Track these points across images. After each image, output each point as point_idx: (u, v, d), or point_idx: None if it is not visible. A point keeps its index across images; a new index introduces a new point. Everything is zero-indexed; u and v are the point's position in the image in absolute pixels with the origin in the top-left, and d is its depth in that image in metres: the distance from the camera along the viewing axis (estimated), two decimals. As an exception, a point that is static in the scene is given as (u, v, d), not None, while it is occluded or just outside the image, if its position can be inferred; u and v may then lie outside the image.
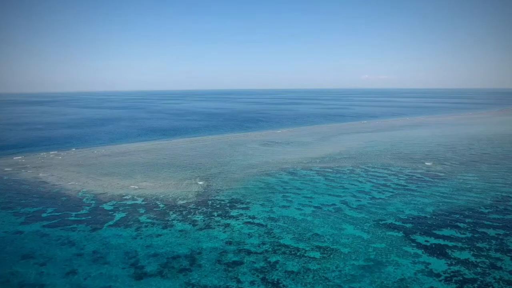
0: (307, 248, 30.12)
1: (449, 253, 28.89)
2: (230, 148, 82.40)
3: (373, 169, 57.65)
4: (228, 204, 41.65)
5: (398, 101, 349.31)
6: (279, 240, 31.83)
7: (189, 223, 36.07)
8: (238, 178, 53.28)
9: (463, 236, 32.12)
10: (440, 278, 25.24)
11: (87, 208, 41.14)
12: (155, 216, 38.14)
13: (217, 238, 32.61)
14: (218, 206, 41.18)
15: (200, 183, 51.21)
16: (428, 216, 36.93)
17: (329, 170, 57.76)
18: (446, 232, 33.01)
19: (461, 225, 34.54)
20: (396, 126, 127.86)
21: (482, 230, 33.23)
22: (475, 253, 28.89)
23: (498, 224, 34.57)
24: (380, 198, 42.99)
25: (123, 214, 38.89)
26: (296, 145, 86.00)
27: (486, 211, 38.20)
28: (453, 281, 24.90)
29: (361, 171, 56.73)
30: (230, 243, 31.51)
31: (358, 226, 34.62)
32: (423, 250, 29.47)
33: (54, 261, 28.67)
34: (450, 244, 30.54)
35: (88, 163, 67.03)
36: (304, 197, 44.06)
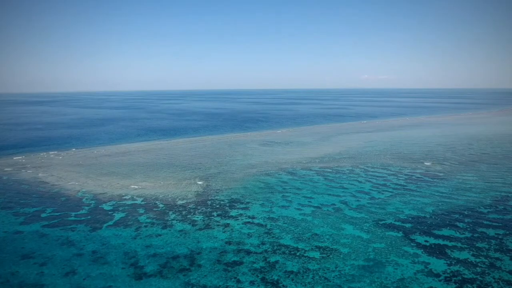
0: (306, 248, 30.13)
1: (449, 253, 28.91)
2: (229, 148, 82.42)
3: (372, 169, 57.68)
4: (227, 204, 41.66)
5: (397, 101, 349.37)
6: (278, 240, 31.85)
7: (189, 223, 36.08)
8: (237, 178, 53.29)
9: (462, 236, 32.14)
10: (439, 278, 25.25)
11: (87, 208, 41.15)
12: (154, 216, 38.14)
13: (216, 238, 32.62)
14: (217, 206, 41.19)
15: (200, 183, 51.23)
16: (428, 216, 36.95)
17: (329, 170, 57.77)
18: (445, 232, 33.03)
19: (461, 225, 34.57)
20: (395, 126, 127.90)
21: (481, 230, 33.25)
22: (475, 253, 28.91)
23: (497, 224, 34.59)
24: (379, 198, 43.01)
25: (123, 214, 38.91)
26: (296, 145, 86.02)
27: (486, 211, 38.22)
28: (453, 281, 24.92)
29: (361, 171, 56.75)
30: (229, 243, 31.52)
31: (358, 226, 34.64)
32: (422, 250, 29.49)
33: (54, 261, 28.68)
34: (450, 244, 30.56)
35: (88, 163, 67.04)
36: (304, 197, 44.07)
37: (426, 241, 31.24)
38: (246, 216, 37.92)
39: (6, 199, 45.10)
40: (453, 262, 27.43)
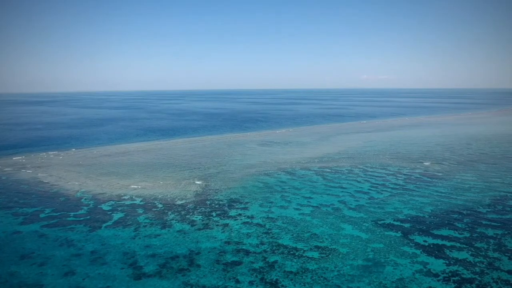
0: (305, 248, 30.16)
1: (448, 253, 28.94)
2: (229, 148, 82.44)
3: (371, 169, 57.71)
4: (226, 204, 41.68)
5: (397, 101, 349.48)
6: (277, 240, 31.87)
7: (188, 223, 36.10)
8: (236, 178, 53.31)
9: (461, 236, 32.18)
10: (438, 278, 25.28)
11: (86, 208, 41.17)
12: (153, 216, 38.16)
13: (215, 238, 32.64)
14: (216, 206, 41.21)
15: (199, 183, 51.24)
16: (427, 216, 36.98)
17: (328, 170, 57.80)
18: (444, 232, 33.07)
19: (459, 225, 34.60)
20: (395, 126, 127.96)
21: (480, 230, 33.29)
22: (473, 253, 28.94)
23: (496, 224, 34.63)
24: (378, 198, 43.03)
25: (122, 214, 38.92)
26: (295, 145, 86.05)
27: (484, 210, 38.26)
28: (451, 281, 24.94)
29: (360, 171, 56.77)
30: (228, 243, 31.54)
31: (357, 226, 34.66)
32: (421, 250, 29.52)
33: (53, 261, 28.69)
34: (448, 244, 30.59)
35: (87, 163, 67.05)
36: (303, 197, 44.09)
37: (425, 241, 31.27)
38: (245, 216, 37.94)
39: (6, 199, 45.10)
40: (452, 262, 27.46)
